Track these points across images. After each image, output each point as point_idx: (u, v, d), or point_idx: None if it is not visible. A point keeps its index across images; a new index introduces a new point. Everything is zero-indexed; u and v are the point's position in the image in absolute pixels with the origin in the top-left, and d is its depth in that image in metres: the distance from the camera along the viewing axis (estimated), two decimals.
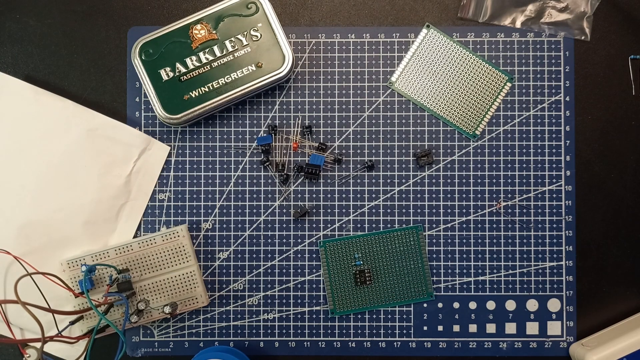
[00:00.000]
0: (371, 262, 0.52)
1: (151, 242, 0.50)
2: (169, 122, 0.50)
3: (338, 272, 0.52)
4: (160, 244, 0.51)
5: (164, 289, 0.51)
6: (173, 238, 0.51)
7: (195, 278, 0.51)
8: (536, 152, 0.52)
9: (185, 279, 0.51)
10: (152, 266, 0.51)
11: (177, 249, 0.51)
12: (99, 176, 0.51)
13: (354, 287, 0.52)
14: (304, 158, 0.53)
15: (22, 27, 0.53)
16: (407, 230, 0.52)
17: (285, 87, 0.53)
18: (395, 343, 0.52)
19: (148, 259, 0.51)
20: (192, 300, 0.51)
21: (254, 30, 0.50)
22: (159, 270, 0.51)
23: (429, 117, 0.53)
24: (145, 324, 0.52)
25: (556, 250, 0.52)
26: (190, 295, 0.51)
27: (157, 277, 0.51)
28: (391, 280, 0.52)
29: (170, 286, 0.51)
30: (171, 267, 0.51)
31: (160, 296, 0.51)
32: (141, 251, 0.50)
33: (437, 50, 0.53)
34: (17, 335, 0.50)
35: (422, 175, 0.53)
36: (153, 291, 0.51)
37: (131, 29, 0.53)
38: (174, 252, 0.51)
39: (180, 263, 0.51)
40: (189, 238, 0.51)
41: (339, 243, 0.52)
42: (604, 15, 0.53)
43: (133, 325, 0.51)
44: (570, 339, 0.52)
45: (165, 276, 0.51)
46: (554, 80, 0.53)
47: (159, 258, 0.51)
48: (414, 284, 0.52)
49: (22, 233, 0.50)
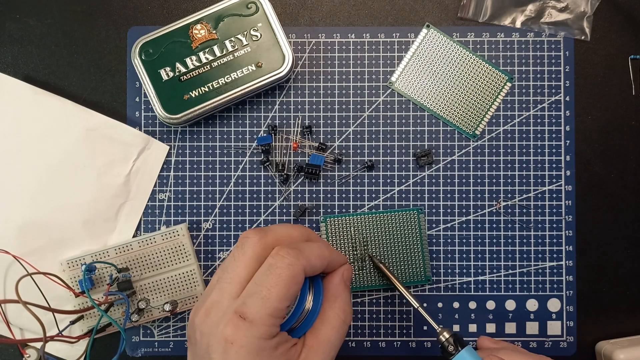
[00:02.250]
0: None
1: (151, 241, 0.50)
2: (169, 122, 0.50)
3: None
4: (160, 242, 0.51)
5: (164, 288, 0.51)
6: (173, 237, 0.51)
7: (196, 277, 0.51)
8: (536, 152, 0.52)
9: (186, 278, 0.51)
10: (152, 265, 0.51)
11: (177, 248, 0.51)
12: (98, 176, 0.51)
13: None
14: (304, 158, 0.52)
15: (22, 27, 0.53)
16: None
17: (285, 87, 0.53)
18: (395, 343, 0.52)
19: (148, 258, 0.51)
20: (193, 299, 0.51)
21: (254, 30, 0.50)
22: (159, 269, 0.51)
23: (429, 117, 0.53)
24: (145, 323, 0.52)
25: (556, 250, 0.52)
26: (190, 293, 0.51)
27: (157, 276, 0.51)
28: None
29: (170, 285, 0.51)
30: (171, 266, 0.51)
31: (160, 295, 0.51)
32: (141, 250, 0.50)
33: (437, 50, 0.53)
34: (16, 335, 0.50)
35: (422, 175, 0.53)
36: (153, 290, 0.51)
37: (131, 29, 0.53)
38: (174, 251, 0.51)
39: (180, 262, 0.51)
40: (188, 237, 0.51)
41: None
42: (604, 15, 0.53)
43: (134, 324, 0.51)
44: (571, 338, 0.52)
45: (166, 275, 0.51)
46: (554, 80, 0.53)
47: (159, 257, 0.51)
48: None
49: (22, 233, 0.50)
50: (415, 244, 0.51)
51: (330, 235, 0.52)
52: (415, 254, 0.51)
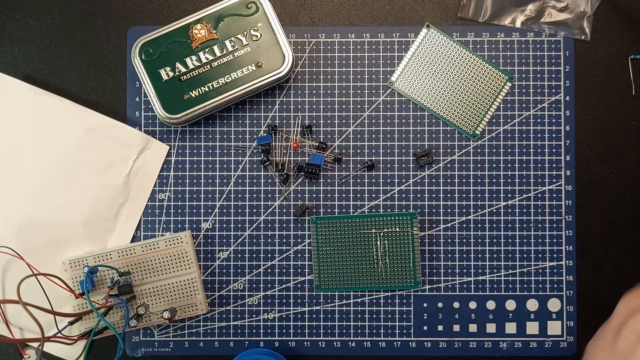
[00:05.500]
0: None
1: (154, 246, 0.50)
2: (169, 121, 0.50)
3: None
4: (164, 248, 0.50)
5: (164, 294, 0.51)
6: (176, 244, 0.50)
7: (196, 285, 0.51)
8: (536, 151, 0.52)
9: (186, 285, 0.51)
10: (154, 270, 0.50)
11: (180, 255, 0.51)
12: (98, 175, 0.51)
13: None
14: (304, 158, 0.52)
15: (22, 27, 0.53)
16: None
17: (285, 87, 0.53)
18: (395, 343, 0.52)
19: (150, 263, 0.50)
20: (192, 307, 0.51)
21: (254, 30, 0.50)
22: (160, 275, 0.51)
23: (429, 117, 0.53)
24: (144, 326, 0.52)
25: (556, 250, 0.52)
26: (190, 302, 0.51)
27: (158, 282, 0.51)
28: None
29: (170, 291, 0.51)
30: (173, 273, 0.51)
31: (160, 301, 0.51)
32: (144, 255, 0.50)
33: (437, 50, 0.53)
34: (16, 335, 0.50)
35: (422, 175, 0.53)
36: (153, 295, 0.51)
37: (131, 29, 0.53)
38: (177, 258, 0.51)
39: (182, 269, 0.51)
40: (192, 245, 0.51)
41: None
42: (604, 15, 0.53)
43: (132, 329, 0.50)
44: (571, 338, 0.52)
45: (166, 281, 0.51)
46: (554, 80, 0.53)
47: (161, 263, 0.50)
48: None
49: (22, 233, 0.50)
50: (406, 249, 0.51)
51: (320, 236, 0.52)
52: (405, 259, 0.51)
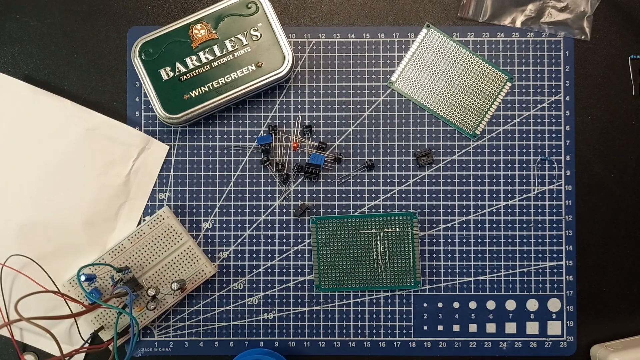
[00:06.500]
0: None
1: (140, 234, 0.50)
2: (169, 121, 0.50)
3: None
4: (149, 232, 0.50)
5: (169, 273, 0.51)
6: (159, 222, 0.51)
7: (194, 252, 0.51)
8: (536, 152, 0.52)
9: (185, 257, 0.51)
10: (150, 256, 0.51)
11: (167, 232, 0.51)
12: (98, 176, 0.51)
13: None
14: (304, 158, 0.52)
15: (22, 27, 0.53)
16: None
17: (285, 87, 0.53)
18: (395, 343, 0.52)
19: (143, 251, 0.50)
20: (200, 274, 0.51)
21: (254, 30, 0.50)
22: (157, 257, 0.51)
23: (429, 117, 0.53)
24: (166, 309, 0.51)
25: (556, 250, 0.52)
26: (195, 270, 0.51)
27: (158, 265, 0.51)
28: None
29: (173, 268, 0.51)
30: (168, 250, 0.51)
31: (168, 282, 0.51)
32: (133, 246, 0.50)
33: (437, 50, 0.53)
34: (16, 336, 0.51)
35: (422, 175, 0.53)
36: (160, 279, 0.51)
37: (131, 29, 0.53)
38: (165, 236, 0.51)
39: (174, 244, 0.51)
40: (173, 217, 0.51)
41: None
42: (604, 15, 0.53)
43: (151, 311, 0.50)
44: (571, 338, 0.52)
45: (165, 261, 0.51)
46: (554, 80, 0.53)
47: (153, 246, 0.51)
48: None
49: (22, 233, 0.50)
50: (406, 249, 0.51)
51: (320, 236, 0.52)
52: (405, 259, 0.51)
